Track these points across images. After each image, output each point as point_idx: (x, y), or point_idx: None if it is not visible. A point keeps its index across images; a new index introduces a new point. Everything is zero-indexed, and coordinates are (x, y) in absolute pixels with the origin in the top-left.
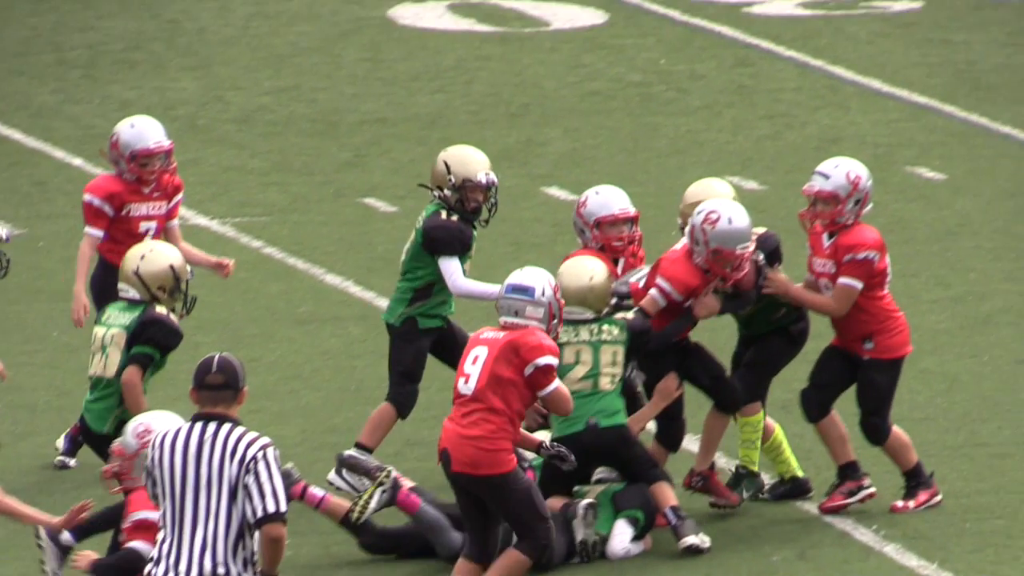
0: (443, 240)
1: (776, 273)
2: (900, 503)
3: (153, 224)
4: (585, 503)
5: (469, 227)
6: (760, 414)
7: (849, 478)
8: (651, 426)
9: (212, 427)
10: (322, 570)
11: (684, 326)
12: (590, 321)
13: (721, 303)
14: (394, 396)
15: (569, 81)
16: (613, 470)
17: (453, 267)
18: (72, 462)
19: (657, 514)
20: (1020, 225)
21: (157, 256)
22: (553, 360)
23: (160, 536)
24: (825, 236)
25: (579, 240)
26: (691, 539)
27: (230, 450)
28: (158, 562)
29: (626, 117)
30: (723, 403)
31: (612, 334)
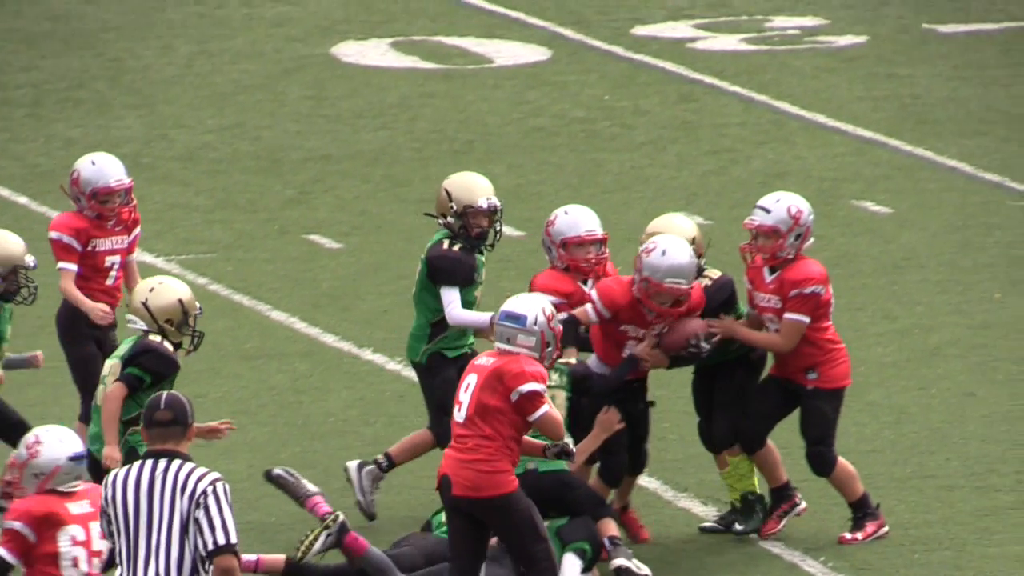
0: (444, 270)
1: (721, 320)
2: (848, 535)
3: (117, 258)
4: None
5: (471, 256)
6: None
7: (784, 500)
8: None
9: (163, 463)
10: None
11: (627, 372)
12: None
13: (669, 359)
14: (434, 428)
15: (513, 117)
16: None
17: (451, 297)
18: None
19: (603, 547)
20: (966, 258)
21: (166, 289)
22: (537, 386)
23: (117, 573)
24: (767, 271)
25: (547, 258)
26: (622, 560)
27: (180, 485)
28: None
29: (570, 153)
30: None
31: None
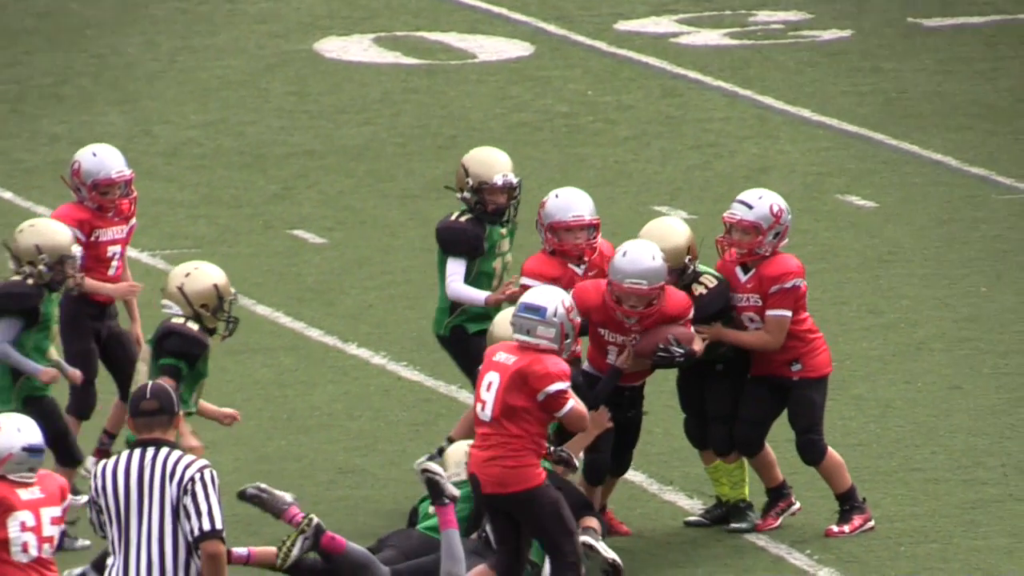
0: (448, 241)
1: (710, 327)
2: (835, 528)
3: (118, 248)
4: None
5: (479, 226)
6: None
7: (781, 499)
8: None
9: (151, 452)
10: None
11: (611, 384)
12: None
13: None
14: None
15: (496, 113)
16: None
17: (455, 268)
18: None
19: None
20: (951, 252)
21: (202, 275)
22: (563, 385)
23: (110, 561)
24: (739, 270)
25: (541, 239)
26: (587, 538)
27: (169, 472)
28: None
29: (553, 148)
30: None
31: None
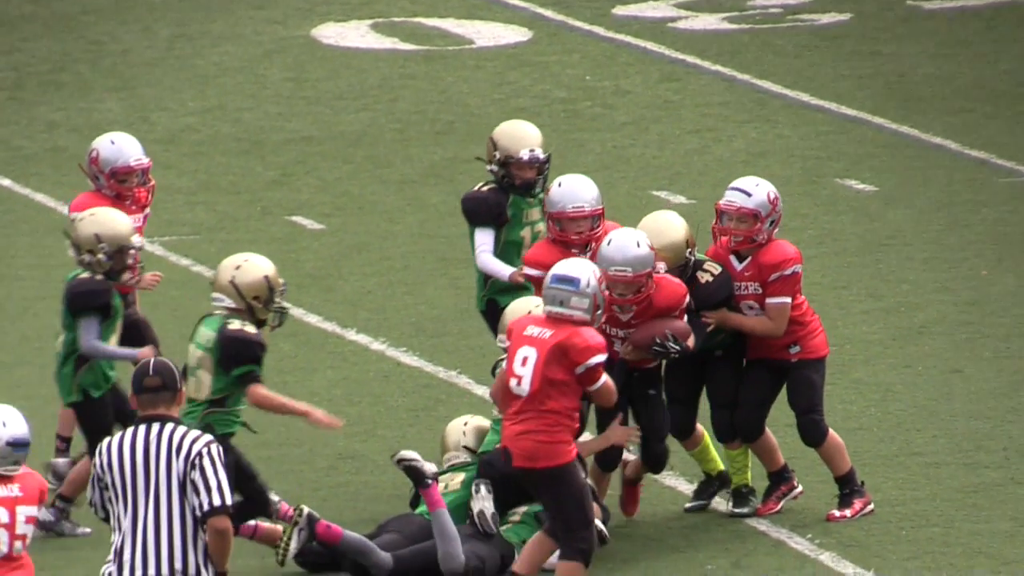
0: (471, 211)
1: (715, 312)
2: (836, 512)
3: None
4: (480, 482)
5: (501, 195)
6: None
7: (783, 483)
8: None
9: (156, 427)
10: None
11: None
12: None
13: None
14: None
15: (494, 98)
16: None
17: (482, 239)
18: None
19: None
20: (952, 236)
21: (252, 267)
22: (602, 358)
23: (114, 538)
24: (734, 258)
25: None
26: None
27: (175, 447)
28: (117, 563)
29: (552, 133)
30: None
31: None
